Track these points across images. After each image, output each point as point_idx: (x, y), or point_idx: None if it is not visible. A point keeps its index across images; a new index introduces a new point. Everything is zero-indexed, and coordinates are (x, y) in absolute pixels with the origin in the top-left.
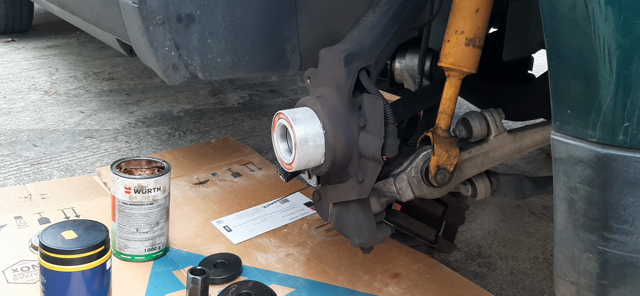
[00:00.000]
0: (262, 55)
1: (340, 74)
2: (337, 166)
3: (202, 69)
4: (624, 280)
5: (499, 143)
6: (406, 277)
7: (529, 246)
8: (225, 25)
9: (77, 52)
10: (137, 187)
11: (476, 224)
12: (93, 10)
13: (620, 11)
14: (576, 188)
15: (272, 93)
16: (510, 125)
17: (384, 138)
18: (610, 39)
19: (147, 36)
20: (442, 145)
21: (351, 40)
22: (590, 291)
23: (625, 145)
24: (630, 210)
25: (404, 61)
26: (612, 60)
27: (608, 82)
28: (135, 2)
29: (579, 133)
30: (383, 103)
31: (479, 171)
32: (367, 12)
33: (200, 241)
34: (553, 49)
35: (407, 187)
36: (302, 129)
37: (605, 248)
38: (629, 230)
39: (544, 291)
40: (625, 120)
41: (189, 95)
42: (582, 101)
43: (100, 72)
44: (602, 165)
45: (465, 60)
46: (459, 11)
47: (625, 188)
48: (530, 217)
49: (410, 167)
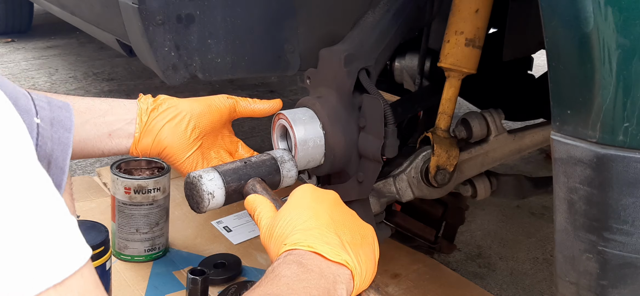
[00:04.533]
0: (261, 55)
1: (340, 75)
2: (337, 166)
3: (201, 70)
4: (623, 280)
5: (499, 144)
6: (406, 278)
7: (529, 247)
8: (225, 26)
9: (77, 52)
10: (137, 187)
11: (476, 224)
12: (93, 10)
13: (620, 11)
14: (576, 189)
15: (271, 93)
16: (510, 125)
17: (383, 139)
18: (610, 39)
19: (147, 36)
20: (442, 146)
21: (351, 40)
22: (590, 291)
23: (625, 146)
24: (630, 211)
25: (404, 61)
26: (612, 61)
27: (608, 82)
28: (135, 3)
29: (579, 133)
30: (383, 103)
31: (478, 171)
32: (367, 12)
33: (200, 242)
34: (553, 49)
35: (407, 187)
36: (302, 130)
37: (605, 248)
38: (629, 230)
39: (543, 292)
40: (625, 121)
41: (188, 96)
42: (582, 101)
43: (100, 73)
44: (602, 165)
45: (465, 60)
46: (459, 12)
47: (625, 188)
48: (530, 217)
49: (410, 167)
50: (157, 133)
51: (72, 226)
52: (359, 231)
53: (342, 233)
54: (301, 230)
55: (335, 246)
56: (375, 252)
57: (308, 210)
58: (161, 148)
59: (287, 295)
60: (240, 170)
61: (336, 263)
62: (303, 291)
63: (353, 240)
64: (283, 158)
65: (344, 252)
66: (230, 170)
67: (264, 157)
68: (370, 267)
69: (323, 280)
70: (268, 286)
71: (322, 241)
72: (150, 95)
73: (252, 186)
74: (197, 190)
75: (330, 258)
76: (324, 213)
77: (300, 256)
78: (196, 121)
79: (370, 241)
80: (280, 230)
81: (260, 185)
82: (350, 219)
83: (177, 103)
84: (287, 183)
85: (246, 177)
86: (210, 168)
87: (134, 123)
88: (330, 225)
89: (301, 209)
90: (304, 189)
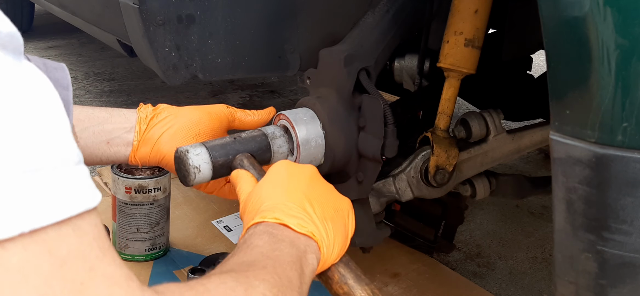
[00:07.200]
0: (262, 55)
1: (340, 75)
2: (336, 166)
3: (202, 70)
4: (622, 279)
5: (498, 144)
6: (405, 277)
7: (528, 246)
8: (226, 26)
9: (78, 52)
10: (138, 187)
11: (475, 224)
12: (93, 10)
13: (619, 11)
14: (575, 189)
15: (272, 93)
16: (509, 125)
17: (383, 139)
18: (609, 40)
19: (148, 37)
20: (441, 146)
21: (351, 41)
22: (589, 291)
23: (624, 146)
24: (628, 210)
25: (403, 62)
26: (611, 61)
27: (607, 82)
28: (135, 3)
29: (578, 133)
30: (383, 103)
31: (478, 171)
32: (367, 13)
33: (201, 241)
34: (552, 49)
35: (407, 187)
36: (303, 130)
37: (603, 248)
38: (628, 230)
39: (542, 291)
40: (623, 121)
41: (189, 96)
42: (581, 101)
43: (100, 73)
44: (601, 165)
45: (465, 60)
46: (458, 12)
47: (624, 188)
48: (529, 216)
49: (409, 167)
50: (155, 142)
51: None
52: (332, 205)
53: (314, 206)
54: (271, 204)
55: (301, 218)
56: (347, 226)
57: (281, 185)
58: (160, 157)
59: (262, 262)
60: (228, 145)
61: (303, 234)
62: (277, 260)
63: (324, 213)
64: (274, 134)
65: (311, 224)
66: (218, 145)
67: (254, 133)
68: (339, 240)
69: (294, 249)
70: (242, 254)
71: (288, 213)
72: (150, 104)
73: (239, 161)
74: (183, 164)
75: (296, 229)
76: (296, 188)
77: (271, 227)
78: (196, 128)
79: (343, 214)
80: (252, 205)
81: (248, 160)
82: (325, 193)
83: (177, 112)
84: (278, 159)
85: (234, 152)
86: (199, 143)
87: (132, 132)
88: (301, 199)
89: (274, 184)
90: (281, 164)
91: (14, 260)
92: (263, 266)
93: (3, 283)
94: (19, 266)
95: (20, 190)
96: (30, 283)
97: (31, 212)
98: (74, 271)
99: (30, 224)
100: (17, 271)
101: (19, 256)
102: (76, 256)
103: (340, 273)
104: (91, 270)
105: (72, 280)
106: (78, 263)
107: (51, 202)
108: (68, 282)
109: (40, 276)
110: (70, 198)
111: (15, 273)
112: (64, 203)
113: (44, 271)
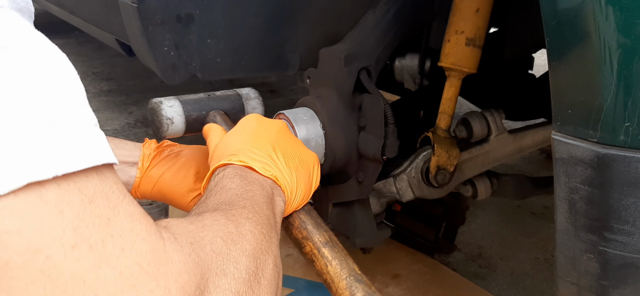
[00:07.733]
0: (261, 55)
1: (340, 74)
2: (337, 166)
3: (201, 69)
4: (624, 280)
5: (500, 144)
6: (406, 278)
7: (530, 247)
8: (225, 26)
9: (76, 52)
10: None
11: (476, 224)
12: (92, 10)
13: (620, 11)
14: (577, 189)
15: (272, 93)
16: (510, 125)
17: (384, 139)
18: (611, 39)
19: (146, 36)
20: (443, 146)
21: (351, 40)
22: (591, 291)
23: (626, 145)
24: (631, 211)
25: (404, 61)
26: (613, 60)
27: (609, 82)
28: (134, 2)
29: (580, 133)
30: (383, 103)
31: (479, 171)
32: (368, 12)
33: None
34: (554, 48)
35: (407, 187)
36: (304, 129)
37: (606, 248)
38: (630, 230)
39: (544, 292)
40: (626, 120)
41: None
42: (583, 101)
43: (99, 72)
44: (603, 165)
45: (466, 60)
46: (459, 11)
47: (626, 188)
48: (531, 217)
49: (410, 167)
50: (156, 181)
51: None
52: (298, 156)
53: (278, 154)
54: (237, 148)
55: (266, 162)
56: (311, 178)
57: (248, 134)
58: (160, 195)
59: (240, 202)
60: (202, 101)
61: (267, 177)
62: (252, 200)
63: (288, 161)
64: (248, 95)
65: (275, 168)
66: (192, 100)
67: (229, 92)
68: (302, 187)
69: (263, 190)
70: (218, 196)
71: (253, 158)
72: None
73: (212, 117)
74: (157, 116)
75: (261, 172)
76: (263, 136)
77: (240, 170)
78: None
79: (308, 166)
80: (219, 150)
81: (220, 116)
82: (292, 145)
83: (180, 150)
84: None
85: (208, 108)
86: (173, 96)
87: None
88: (266, 146)
89: (242, 132)
90: (251, 116)
91: (51, 196)
92: (243, 205)
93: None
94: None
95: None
96: (66, 216)
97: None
98: (101, 208)
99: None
100: (54, 206)
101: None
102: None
103: (300, 219)
104: (115, 208)
105: (100, 216)
106: (104, 202)
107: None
108: (97, 217)
109: (73, 210)
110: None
111: (52, 206)
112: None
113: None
